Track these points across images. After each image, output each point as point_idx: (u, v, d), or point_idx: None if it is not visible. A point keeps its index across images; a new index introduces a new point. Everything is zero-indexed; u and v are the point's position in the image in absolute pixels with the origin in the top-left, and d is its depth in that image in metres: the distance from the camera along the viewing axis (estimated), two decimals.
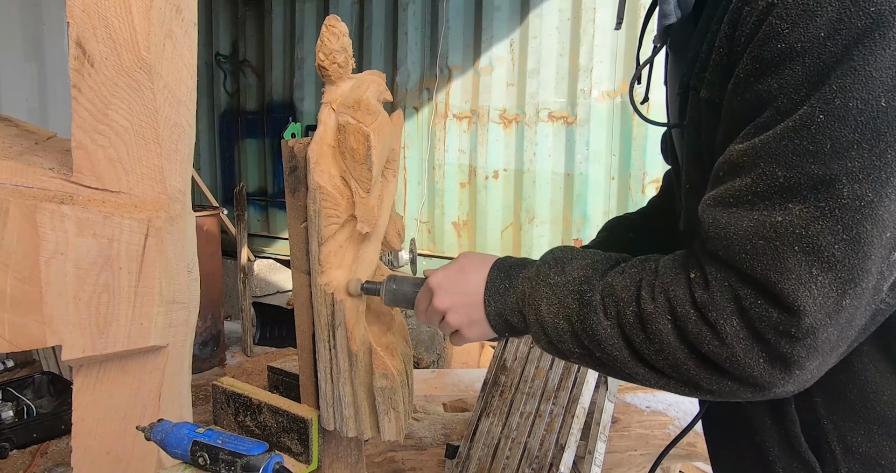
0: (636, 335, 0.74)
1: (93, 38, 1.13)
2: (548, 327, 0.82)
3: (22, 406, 3.63)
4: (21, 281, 1.12)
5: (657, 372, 0.75)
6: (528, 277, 0.86)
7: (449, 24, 4.68)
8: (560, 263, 0.84)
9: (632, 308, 0.75)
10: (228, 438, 1.02)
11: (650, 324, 0.73)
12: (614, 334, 0.76)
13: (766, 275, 0.65)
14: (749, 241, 0.66)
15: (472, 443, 2.64)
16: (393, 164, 1.09)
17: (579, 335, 0.79)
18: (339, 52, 1.01)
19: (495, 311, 0.89)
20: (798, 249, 0.63)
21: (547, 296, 0.82)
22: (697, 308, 0.70)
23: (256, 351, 5.20)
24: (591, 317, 0.78)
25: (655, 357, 0.74)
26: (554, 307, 0.81)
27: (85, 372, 1.26)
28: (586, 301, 0.78)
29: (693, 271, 0.72)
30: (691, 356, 0.71)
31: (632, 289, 0.76)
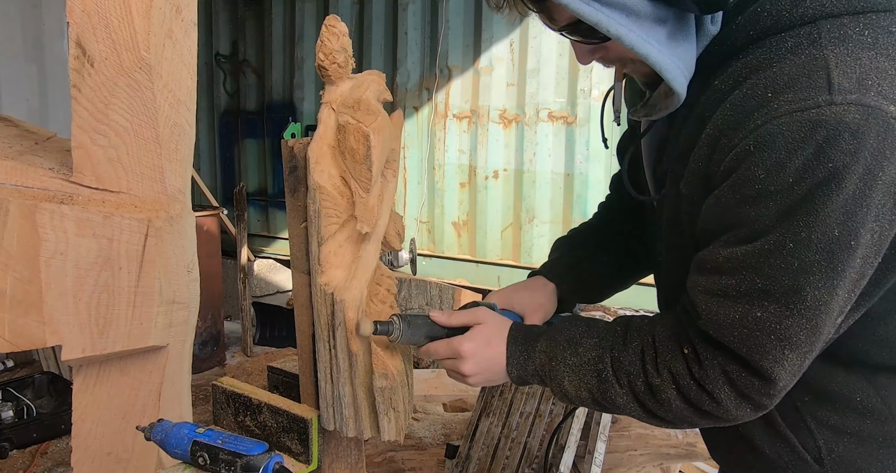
0: (648, 400, 0.95)
1: (93, 38, 1.13)
2: (571, 396, 1.02)
3: (22, 406, 3.63)
4: (21, 281, 1.12)
5: (664, 421, 0.98)
6: (543, 351, 1.03)
7: (449, 24, 4.68)
8: (573, 345, 1.01)
9: (641, 380, 0.95)
10: (228, 438, 1.02)
11: (659, 393, 0.94)
12: (629, 400, 0.97)
13: (749, 355, 0.87)
14: (736, 329, 0.87)
15: (472, 443, 2.64)
16: (393, 164, 1.09)
17: (599, 401, 1.00)
18: (338, 51, 1.01)
19: (517, 376, 1.05)
20: (773, 338, 0.86)
21: (568, 375, 1.00)
22: (696, 381, 0.91)
23: (256, 351, 5.20)
24: (608, 390, 0.97)
25: (664, 413, 0.95)
26: (574, 383, 1.00)
27: (85, 372, 1.26)
28: (603, 378, 0.97)
29: (686, 347, 0.93)
30: (694, 412, 0.93)
31: (637, 365, 0.96)
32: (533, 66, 4.34)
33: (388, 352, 1.06)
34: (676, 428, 0.98)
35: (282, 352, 5.04)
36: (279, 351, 5.15)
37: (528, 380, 1.05)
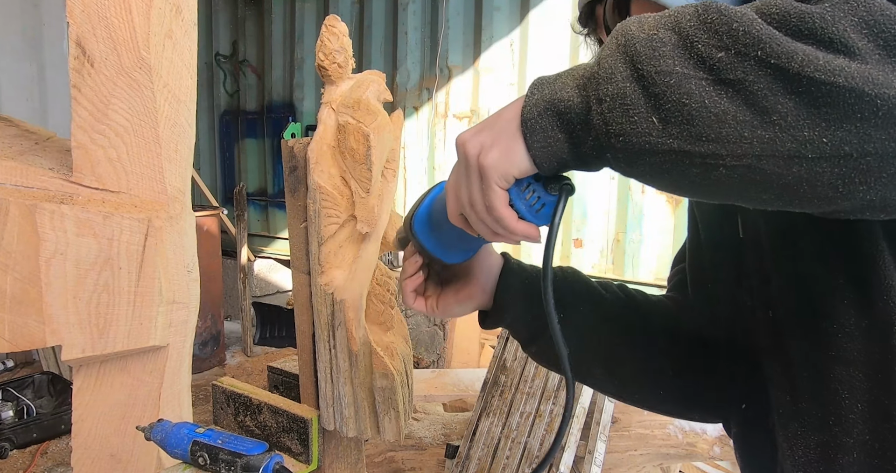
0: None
1: (93, 38, 1.13)
2: (639, 46, 0.57)
3: (22, 406, 3.63)
4: (21, 281, 1.12)
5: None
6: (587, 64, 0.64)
7: (449, 24, 4.68)
8: (639, 21, 0.60)
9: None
10: (228, 438, 1.02)
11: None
12: (750, 16, 0.55)
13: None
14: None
15: (472, 443, 2.64)
16: (393, 164, 1.09)
17: (692, 36, 0.56)
18: (338, 51, 1.01)
19: (537, 99, 0.63)
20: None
21: (638, 23, 0.60)
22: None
23: (256, 351, 5.20)
24: (718, 7, 0.56)
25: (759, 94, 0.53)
26: (651, 23, 0.59)
27: (85, 372, 1.26)
28: (708, 3, 0.58)
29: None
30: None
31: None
32: (533, 66, 4.34)
33: (389, 352, 1.06)
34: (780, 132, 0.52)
35: (282, 352, 5.05)
36: (279, 351, 5.15)
37: (557, 99, 0.63)
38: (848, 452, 0.70)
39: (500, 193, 0.66)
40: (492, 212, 0.66)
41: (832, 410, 0.71)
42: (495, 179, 0.65)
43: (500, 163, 0.64)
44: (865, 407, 0.68)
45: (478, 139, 0.66)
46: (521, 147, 0.64)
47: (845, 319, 0.69)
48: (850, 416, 0.69)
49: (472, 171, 0.66)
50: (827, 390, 0.71)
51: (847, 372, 0.69)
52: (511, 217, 0.67)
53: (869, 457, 0.68)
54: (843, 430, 0.70)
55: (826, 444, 0.71)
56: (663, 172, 0.59)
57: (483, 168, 0.65)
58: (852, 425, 0.69)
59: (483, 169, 0.65)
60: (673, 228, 3.91)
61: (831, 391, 0.71)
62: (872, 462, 0.68)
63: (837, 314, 0.70)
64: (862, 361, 0.68)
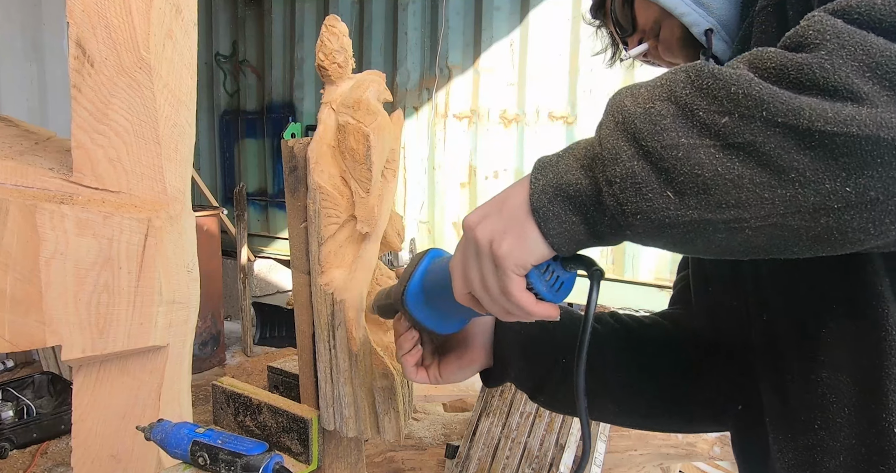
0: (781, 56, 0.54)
1: (93, 38, 1.13)
2: (639, 123, 0.57)
3: (22, 406, 3.63)
4: (21, 281, 1.12)
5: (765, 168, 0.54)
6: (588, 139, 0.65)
7: (449, 24, 4.68)
8: (632, 95, 0.61)
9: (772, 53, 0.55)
10: (228, 438, 1.02)
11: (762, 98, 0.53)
12: (746, 75, 0.54)
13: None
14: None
15: (472, 443, 2.64)
16: (393, 164, 1.09)
17: (691, 104, 0.55)
18: (338, 51, 1.01)
19: (544, 185, 0.63)
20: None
21: (632, 96, 0.60)
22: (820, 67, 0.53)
23: (256, 351, 5.20)
24: (710, 70, 0.56)
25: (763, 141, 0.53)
26: (644, 95, 0.59)
27: (85, 372, 1.26)
28: (697, 67, 0.57)
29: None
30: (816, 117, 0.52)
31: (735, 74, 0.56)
32: (533, 66, 4.34)
33: (389, 352, 1.06)
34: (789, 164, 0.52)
35: (282, 352, 5.05)
36: (279, 351, 5.15)
37: (563, 183, 0.62)
38: (835, 455, 0.70)
39: (517, 280, 0.65)
40: (510, 298, 0.66)
41: (819, 414, 0.71)
42: (511, 267, 0.64)
43: (515, 253, 0.63)
44: (852, 412, 0.69)
45: (488, 226, 0.65)
46: (536, 234, 0.63)
47: (834, 324, 0.69)
48: (836, 420, 0.70)
49: (485, 259, 0.65)
50: (814, 394, 0.71)
51: (835, 377, 0.70)
52: (530, 300, 0.66)
53: (855, 461, 0.69)
54: (829, 434, 0.70)
55: (813, 447, 0.71)
56: (688, 241, 0.58)
57: (498, 257, 0.64)
58: (839, 429, 0.70)
59: (498, 258, 0.64)
60: None
61: (819, 395, 0.71)
62: (859, 465, 0.69)
63: (826, 319, 0.70)
64: (849, 366, 0.69)
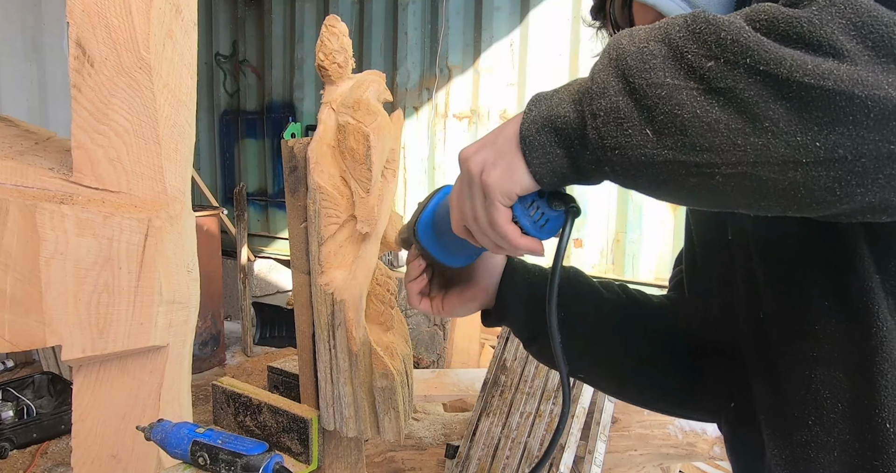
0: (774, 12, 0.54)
1: (93, 38, 1.13)
2: (630, 60, 0.58)
3: (22, 406, 3.63)
4: (21, 281, 1.12)
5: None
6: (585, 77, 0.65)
7: (449, 24, 4.68)
8: (630, 35, 0.61)
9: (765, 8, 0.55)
10: (228, 438, 1.02)
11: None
12: (738, 24, 0.55)
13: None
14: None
15: (472, 443, 2.64)
16: (393, 164, 1.09)
17: (682, 47, 0.56)
18: (338, 52, 1.01)
19: (535, 116, 0.64)
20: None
21: (630, 36, 0.60)
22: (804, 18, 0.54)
23: (256, 351, 5.20)
24: (706, 17, 0.57)
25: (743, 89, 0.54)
26: (642, 36, 0.59)
27: (85, 372, 1.26)
28: (696, 13, 0.58)
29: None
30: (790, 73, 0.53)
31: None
32: (533, 66, 4.34)
33: (389, 352, 1.06)
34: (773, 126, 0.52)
35: (282, 352, 5.05)
36: (279, 351, 5.15)
37: (553, 116, 0.63)
38: (829, 451, 0.70)
39: (503, 210, 0.67)
40: (495, 228, 0.67)
41: (813, 410, 0.71)
42: (498, 197, 0.66)
43: (502, 181, 0.65)
44: (846, 407, 0.69)
45: (480, 156, 0.67)
46: (522, 164, 0.65)
47: (826, 321, 0.70)
48: (830, 416, 0.70)
49: (476, 188, 0.67)
50: (808, 390, 0.72)
51: (828, 372, 0.70)
52: (514, 233, 0.68)
53: (849, 456, 0.69)
54: (823, 429, 0.71)
55: (807, 443, 0.72)
56: (661, 183, 0.59)
57: (486, 186, 0.66)
58: (833, 424, 0.70)
59: (486, 187, 0.66)
60: (673, 228, 3.91)
61: (813, 391, 0.71)
62: (853, 461, 0.69)
63: (819, 315, 0.70)
64: (842, 362, 0.69)
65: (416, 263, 0.89)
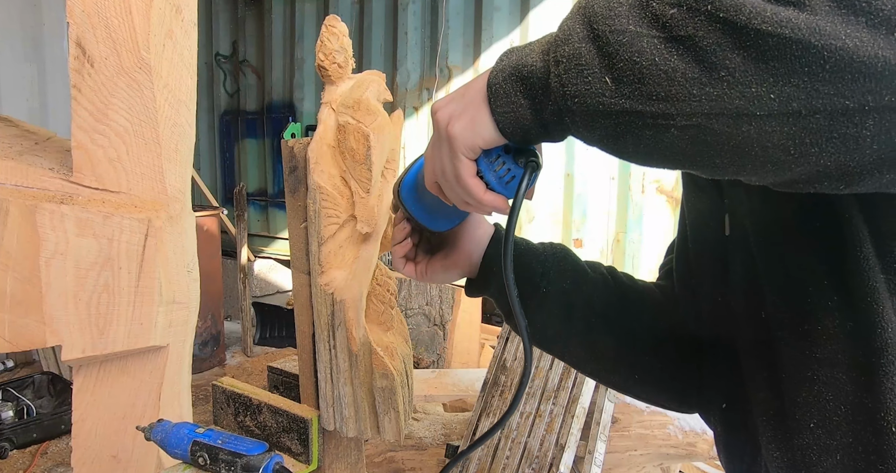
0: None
1: (93, 39, 1.13)
2: (597, 7, 0.58)
3: (22, 406, 3.63)
4: (21, 281, 1.12)
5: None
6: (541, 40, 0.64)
7: (449, 24, 4.68)
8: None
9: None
10: (228, 438, 1.02)
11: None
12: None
13: None
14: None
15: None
16: (393, 164, 1.09)
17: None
18: (338, 52, 1.01)
19: (504, 66, 0.64)
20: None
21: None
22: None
23: (256, 351, 5.20)
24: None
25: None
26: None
27: (85, 372, 1.26)
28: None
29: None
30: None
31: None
32: None
33: (389, 352, 1.06)
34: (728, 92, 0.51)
35: (282, 352, 5.05)
36: (279, 351, 5.15)
37: (521, 66, 0.63)
38: (831, 454, 0.69)
39: (466, 163, 0.66)
40: (459, 182, 0.66)
41: (816, 412, 0.70)
42: (462, 149, 0.65)
43: (466, 133, 0.64)
44: (849, 410, 0.68)
45: (448, 108, 0.66)
46: (487, 115, 0.63)
47: (829, 321, 0.69)
48: (833, 418, 0.69)
49: (443, 141, 0.66)
50: (811, 392, 0.70)
51: (831, 373, 0.69)
52: (478, 187, 0.67)
53: (852, 460, 0.68)
54: (826, 432, 0.69)
55: (809, 447, 0.71)
56: (618, 136, 0.58)
57: (451, 137, 0.65)
58: (836, 427, 0.69)
59: (451, 138, 0.65)
60: (673, 228, 3.91)
61: (815, 393, 0.70)
62: (856, 465, 0.68)
63: (822, 315, 0.69)
64: (846, 363, 0.68)
65: (401, 226, 0.88)
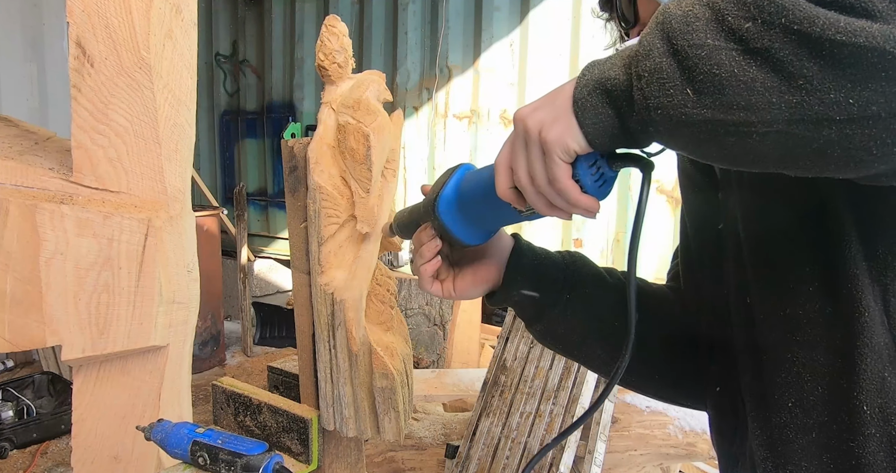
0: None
1: (93, 38, 1.13)
2: (675, 23, 0.60)
3: (22, 406, 3.63)
4: (21, 281, 1.12)
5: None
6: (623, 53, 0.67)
7: (449, 24, 4.68)
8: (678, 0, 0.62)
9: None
10: (228, 438, 1.02)
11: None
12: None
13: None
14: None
15: (472, 443, 2.64)
16: (393, 164, 1.08)
17: (723, 10, 0.58)
18: (338, 51, 1.01)
19: (588, 80, 0.67)
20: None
21: (678, 1, 0.62)
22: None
23: (256, 351, 5.20)
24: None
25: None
26: (688, 0, 0.61)
27: (85, 372, 1.26)
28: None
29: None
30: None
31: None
32: (533, 66, 4.34)
33: (389, 352, 1.06)
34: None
35: (282, 352, 5.05)
36: (279, 351, 5.15)
37: (605, 79, 0.65)
38: (807, 432, 0.73)
39: (563, 166, 0.68)
40: (554, 184, 0.69)
41: (794, 392, 0.74)
42: (558, 153, 0.67)
43: (564, 138, 0.67)
44: (825, 390, 0.72)
45: (538, 116, 0.69)
46: (576, 124, 0.67)
47: (810, 305, 0.73)
48: (810, 398, 0.73)
49: (534, 146, 0.69)
50: (790, 373, 0.74)
51: (810, 355, 0.73)
52: (574, 189, 0.69)
53: (827, 438, 0.72)
54: (803, 411, 0.73)
55: (786, 425, 0.75)
56: (702, 142, 0.61)
57: (546, 142, 0.68)
58: (812, 406, 0.73)
59: (546, 143, 0.68)
60: (673, 229, 3.91)
61: (794, 374, 0.74)
62: (829, 442, 0.71)
63: (803, 300, 0.73)
64: (824, 346, 0.72)
65: (431, 244, 0.90)
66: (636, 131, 0.65)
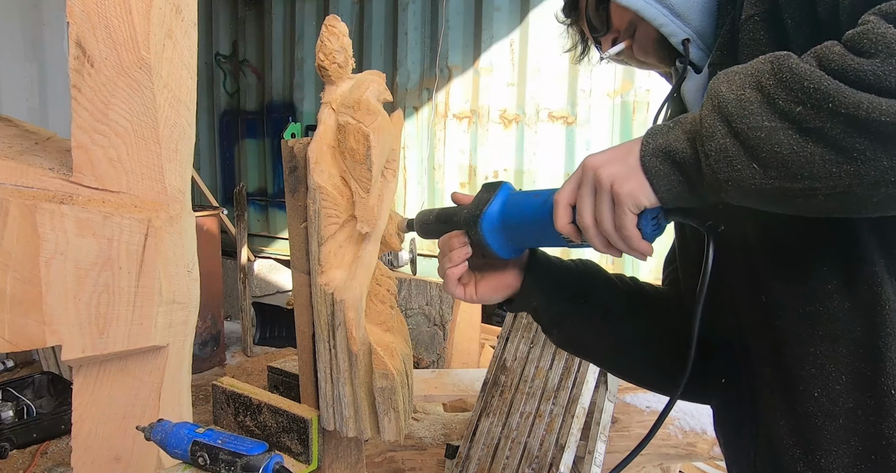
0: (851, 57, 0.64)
1: (93, 38, 1.13)
2: (731, 107, 0.68)
3: (22, 406, 3.63)
4: (21, 281, 1.12)
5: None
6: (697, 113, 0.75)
7: (449, 24, 4.68)
8: (727, 81, 0.71)
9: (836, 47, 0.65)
10: (228, 438, 1.02)
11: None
12: (817, 73, 0.65)
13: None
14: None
15: (472, 443, 2.64)
16: (393, 164, 1.08)
17: (773, 94, 0.66)
18: (338, 52, 1.01)
19: (654, 148, 0.75)
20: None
21: (727, 82, 0.71)
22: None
23: (256, 351, 5.21)
24: (789, 65, 0.66)
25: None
26: (737, 82, 0.70)
27: (85, 372, 1.26)
28: (780, 60, 0.68)
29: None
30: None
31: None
32: (533, 66, 4.34)
33: (389, 352, 1.06)
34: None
35: (282, 352, 5.05)
36: (279, 351, 5.15)
37: (671, 149, 0.74)
38: (834, 419, 0.79)
39: (631, 217, 0.76)
40: (621, 231, 0.77)
41: (818, 383, 0.80)
42: (629, 205, 0.76)
43: (634, 194, 0.75)
44: (849, 378, 0.78)
45: (611, 169, 0.77)
46: (648, 185, 0.75)
47: (829, 302, 0.79)
48: (835, 387, 0.79)
49: (604, 194, 0.77)
50: (814, 365, 0.80)
51: (832, 348, 0.79)
52: (637, 236, 0.78)
53: (854, 423, 0.78)
54: (829, 400, 0.80)
55: (813, 414, 0.81)
56: (773, 203, 0.69)
57: (619, 195, 0.76)
58: (837, 395, 0.79)
59: (619, 195, 0.76)
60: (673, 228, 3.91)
61: (817, 366, 0.80)
62: (857, 427, 0.78)
63: (822, 298, 0.79)
64: (846, 339, 0.78)
65: (462, 250, 0.95)
66: (706, 195, 0.74)
